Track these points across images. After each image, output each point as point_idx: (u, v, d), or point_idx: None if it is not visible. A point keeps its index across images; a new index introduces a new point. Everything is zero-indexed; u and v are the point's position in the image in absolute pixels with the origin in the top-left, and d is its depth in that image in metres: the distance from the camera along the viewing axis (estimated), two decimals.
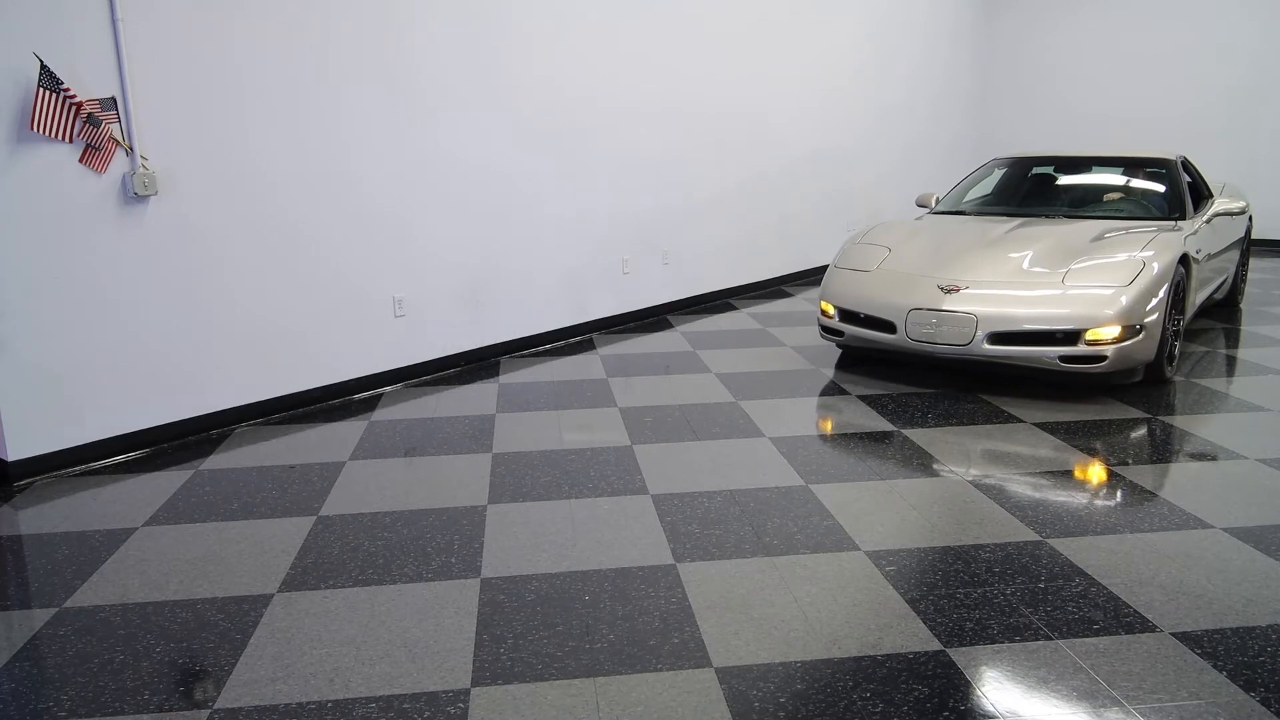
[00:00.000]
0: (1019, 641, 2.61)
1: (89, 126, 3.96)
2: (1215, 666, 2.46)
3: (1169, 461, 4.01)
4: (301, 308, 4.94)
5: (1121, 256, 4.90)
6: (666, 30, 7.05)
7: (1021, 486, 3.74)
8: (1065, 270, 4.86)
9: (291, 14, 4.70)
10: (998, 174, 6.87)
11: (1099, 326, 4.58)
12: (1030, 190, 6.60)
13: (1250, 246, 7.33)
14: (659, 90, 7.06)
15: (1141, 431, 4.40)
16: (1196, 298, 5.63)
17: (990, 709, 2.30)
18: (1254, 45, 10.19)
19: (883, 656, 2.54)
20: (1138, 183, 6.32)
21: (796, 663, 2.52)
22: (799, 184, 8.82)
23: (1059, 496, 3.64)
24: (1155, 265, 4.79)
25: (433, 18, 5.38)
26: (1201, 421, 4.53)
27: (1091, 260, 4.91)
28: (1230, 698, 2.33)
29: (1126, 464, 3.97)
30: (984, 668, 2.48)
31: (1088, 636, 2.62)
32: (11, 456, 3.97)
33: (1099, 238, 5.25)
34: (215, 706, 2.38)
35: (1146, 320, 4.66)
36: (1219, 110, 10.47)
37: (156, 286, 4.34)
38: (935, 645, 2.59)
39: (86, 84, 3.98)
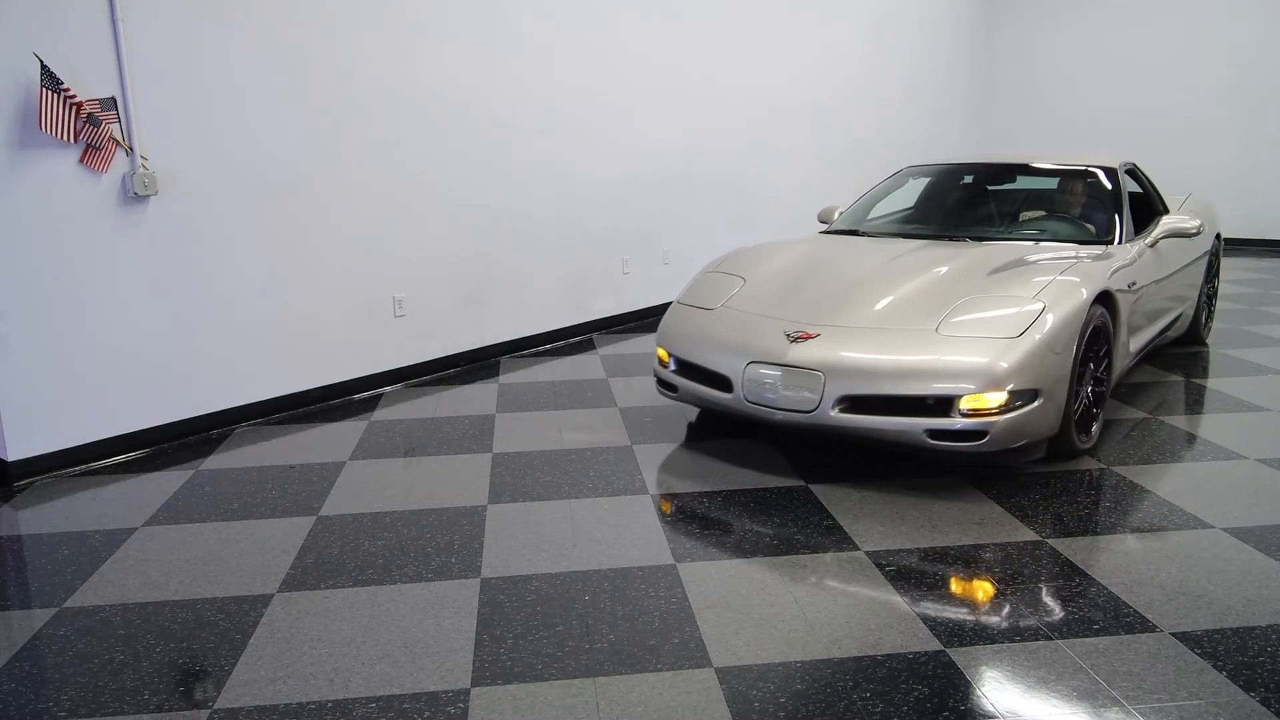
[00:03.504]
0: (1019, 641, 2.61)
1: (89, 126, 3.96)
2: (1215, 666, 2.46)
3: (1169, 461, 4.01)
4: (302, 307, 4.94)
5: (1017, 296, 3.83)
6: (668, 30, 7.05)
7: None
8: (943, 315, 3.78)
9: (292, 13, 4.70)
10: (911, 185, 5.81)
11: (977, 392, 3.49)
12: (942, 206, 5.58)
13: (1219, 270, 6.30)
14: (661, 90, 7.06)
15: (1141, 431, 4.40)
16: (1131, 343, 4.56)
17: (990, 709, 2.30)
18: (1254, 46, 10.21)
19: (883, 656, 2.54)
20: (1068, 197, 5.28)
21: (796, 663, 2.52)
22: (800, 183, 8.82)
23: (1059, 497, 3.64)
24: (1060, 307, 3.72)
25: (437, 18, 5.38)
26: (1201, 421, 4.52)
27: (979, 301, 3.85)
28: (1230, 698, 2.33)
29: (1126, 464, 3.97)
30: (984, 668, 2.48)
31: (1088, 636, 2.62)
32: (11, 456, 3.97)
33: (1001, 269, 4.19)
34: (215, 706, 2.38)
35: (1045, 382, 3.58)
36: (1219, 110, 10.48)
37: (156, 286, 4.34)
38: (935, 645, 2.59)
39: (86, 84, 3.98)
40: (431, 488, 3.84)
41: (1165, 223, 4.88)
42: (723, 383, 3.99)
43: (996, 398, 3.50)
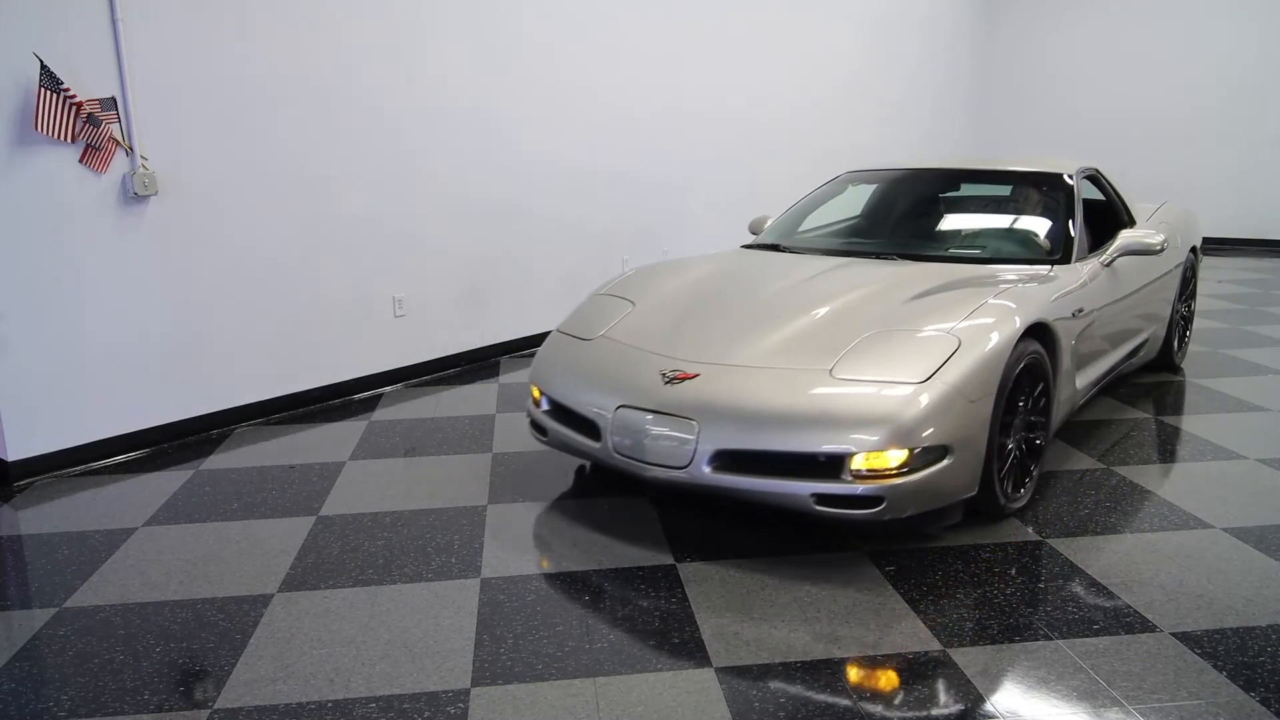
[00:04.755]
0: (1019, 641, 2.61)
1: (89, 126, 3.96)
2: (1215, 666, 2.46)
3: (1169, 461, 4.01)
4: (301, 307, 4.94)
5: (929, 330, 3.25)
6: (669, 29, 7.05)
7: None
8: (841, 353, 3.19)
9: (293, 13, 4.70)
10: (850, 193, 5.16)
11: (870, 450, 2.89)
12: (875, 217, 4.97)
13: (1196, 286, 5.63)
14: (661, 89, 7.06)
15: (1141, 431, 4.40)
16: (1078, 378, 3.95)
17: (990, 709, 2.30)
18: (1254, 46, 10.21)
19: (882, 656, 2.54)
20: (1016, 208, 4.68)
21: (796, 663, 2.52)
22: (801, 184, 8.81)
23: (1059, 497, 3.64)
24: (979, 344, 3.13)
25: (438, 18, 5.38)
26: (1201, 421, 4.52)
27: (885, 336, 3.26)
28: (1230, 698, 2.33)
29: (1126, 464, 3.97)
30: (984, 668, 2.48)
31: (1088, 636, 2.62)
32: (11, 456, 3.97)
33: (921, 295, 3.59)
34: (215, 706, 2.38)
35: (957, 435, 2.99)
36: (1219, 110, 10.48)
37: (156, 286, 4.34)
38: (935, 645, 2.59)
39: (86, 84, 3.98)
40: (431, 488, 3.84)
41: (1124, 238, 4.23)
42: (591, 428, 3.38)
43: (895, 456, 2.91)
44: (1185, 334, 5.55)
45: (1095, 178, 4.87)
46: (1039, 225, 4.45)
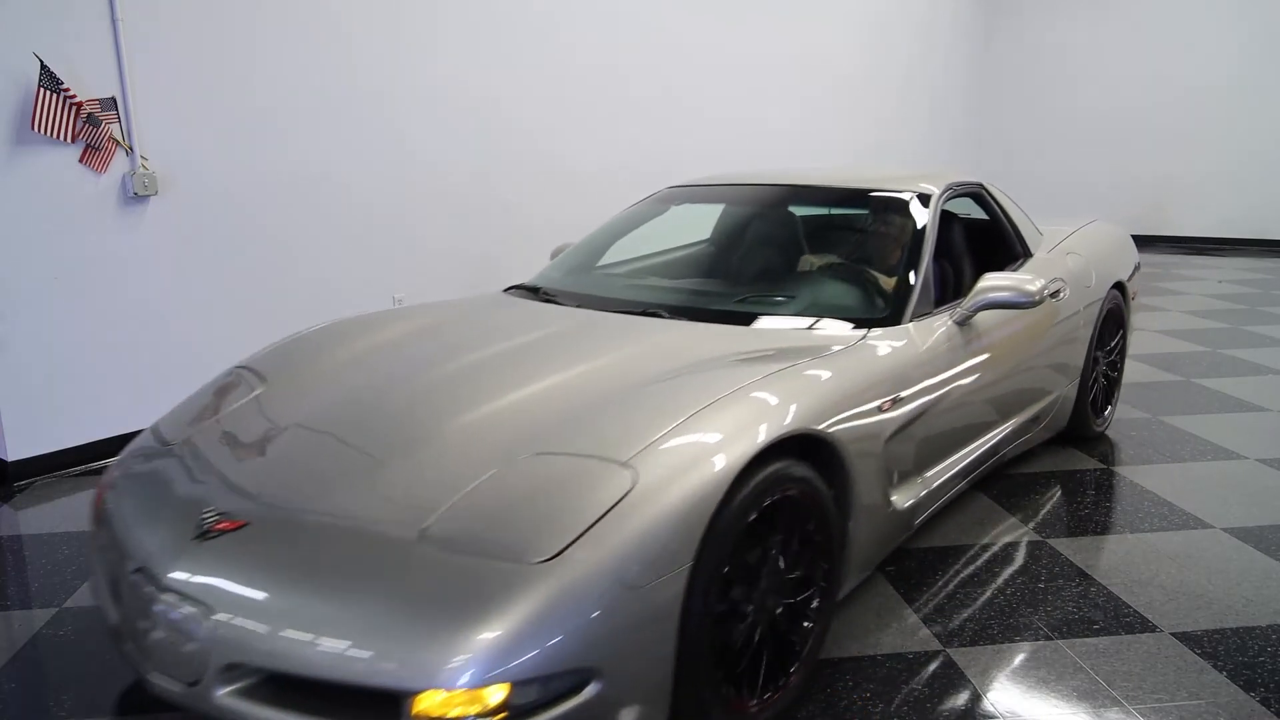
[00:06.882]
0: (1019, 641, 2.61)
1: (89, 126, 3.96)
2: (1215, 666, 2.46)
3: (1169, 461, 4.01)
4: (301, 307, 4.93)
5: (601, 457, 2.00)
6: (664, 27, 7.06)
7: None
8: (452, 500, 1.95)
9: (293, 12, 4.70)
10: (674, 214, 3.91)
11: (442, 686, 1.64)
12: (673, 251, 3.94)
13: (1126, 331, 4.37)
14: (664, 89, 7.06)
15: (1141, 431, 4.40)
16: (898, 498, 2.69)
17: (990, 709, 2.30)
18: (1254, 44, 10.21)
19: (883, 656, 2.54)
20: (853, 242, 3.50)
21: None
22: None
23: (1059, 497, 3.64)
24: (670, 486, 1.91)
25: (441, 16, 5.38)
26: (1201, 421, 4.52)
27: (529, 468, 2.03)
28: (1230, 698, 2.33)
29: (1126, 464, 3.97)
30: (984, 668, 2.48)
31: (1088, 636, 2.62)
32: (11, 456, 3.97)
33: (641, 385, 2.35)
34: None
35: (609, 649, 1.78)
36: (1218, 109, 10.48)
37: (156, 286, 4.34)
38: (935, 645, 2.59)
39: (86, 84, 3.98)
40: None
41: (984, 286, 3.01)
42: (114, 597, 2.12)
43: (490, 694, 1.66)
44: (1111, 393, 4.34)
45: (979, 194, 3.77)
46: (867, 268, 3.24)
